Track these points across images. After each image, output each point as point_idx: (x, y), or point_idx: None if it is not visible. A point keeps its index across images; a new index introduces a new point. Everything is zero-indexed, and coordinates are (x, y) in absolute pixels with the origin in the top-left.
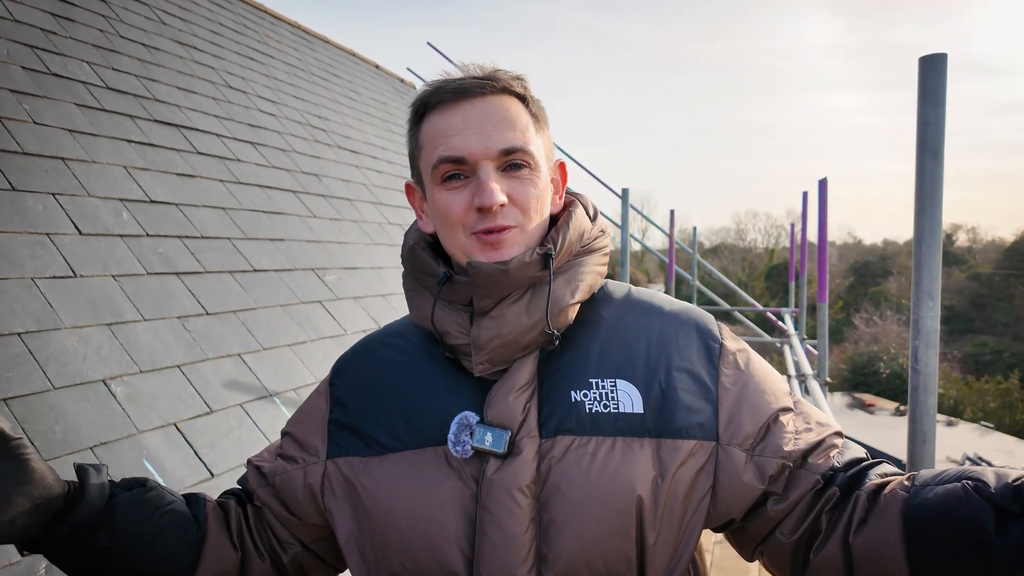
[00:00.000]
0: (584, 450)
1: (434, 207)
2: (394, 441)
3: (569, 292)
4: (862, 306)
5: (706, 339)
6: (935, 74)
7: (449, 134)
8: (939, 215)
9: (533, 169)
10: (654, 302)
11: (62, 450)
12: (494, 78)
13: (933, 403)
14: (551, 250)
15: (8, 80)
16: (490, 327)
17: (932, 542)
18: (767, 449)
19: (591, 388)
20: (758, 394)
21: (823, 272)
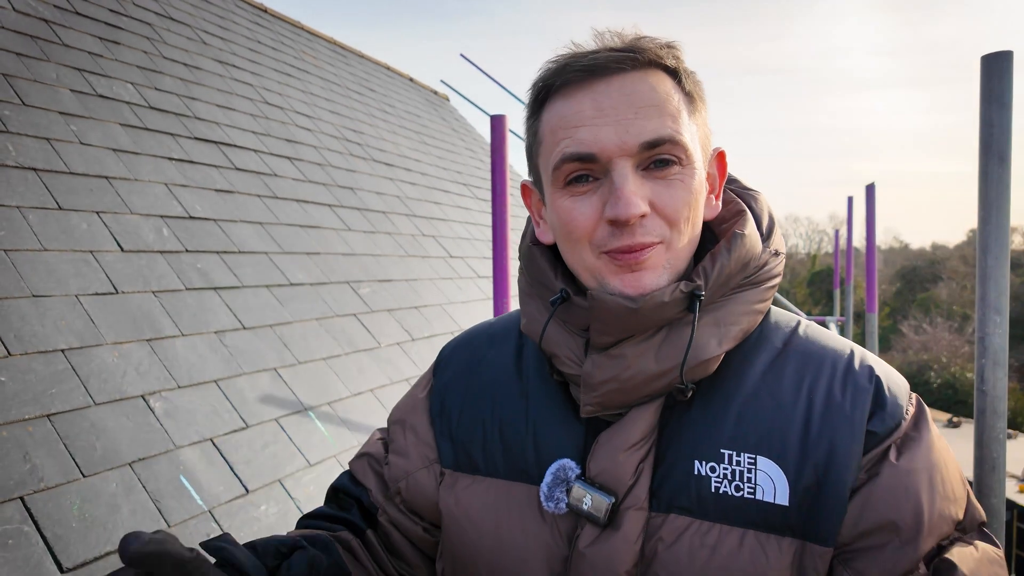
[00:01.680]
0: (703, 540)
1: (555, 215)
2: (487, 464)
3: (716, 340)
4: (910, 313)
5: (880, 415)
6: (1000, 73)
7: (576, 124)
8: (1006, 224)
9: (685, 166)
10: (827, 351)
11: (102, 466)
12: (637, 48)
13: (1003, 427)
14: (700, 288)
15: (57, 103)
16: (606, 367)
17: None
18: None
19: (722, 461)
20: (920, 520)
21: (871, 281)
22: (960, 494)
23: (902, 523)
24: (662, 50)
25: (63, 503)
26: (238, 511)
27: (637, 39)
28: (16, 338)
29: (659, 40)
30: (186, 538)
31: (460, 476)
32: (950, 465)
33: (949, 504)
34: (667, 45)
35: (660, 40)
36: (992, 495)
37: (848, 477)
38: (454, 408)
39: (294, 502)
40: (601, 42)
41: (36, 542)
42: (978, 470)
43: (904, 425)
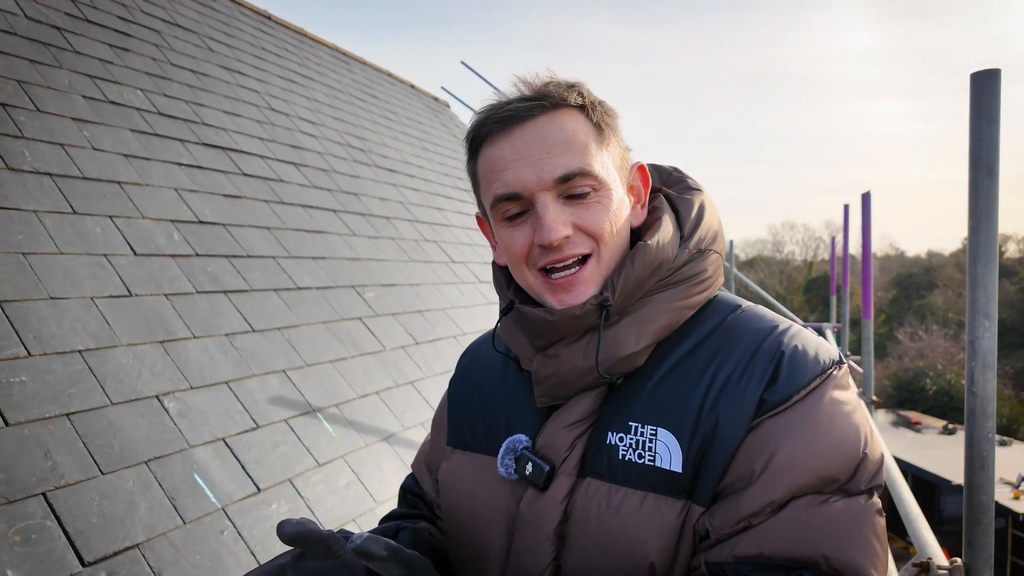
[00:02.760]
0: (609, 500)
1: (500, 243)
2: (474, 441)
3: (635, 338)
4: (906, 320)
5: (772, 388)
6: (988, 90)
7: (501, 168)
8: (995, 233)
9: (600, 190)
10: (746, 334)
11: (119, 464)
12: (544, 95)
13: (992, 427)
14: (607, 299)
15: (70, 109)
16: (547, 365)
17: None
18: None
19: (629, 432)
20: (774, 467)
21: (867, 288)
22: (841, 456)
23: (754, 471)
24: (567, 91)
25: (83, 499)
26: (250, 509)
27: (546, 84)
28: (35, 339)
29: (565, 82)
30: (202, 535)
31: (455, 451)
32: (835, 428)
33: (815, 460)
34: (571, 85)
35: (566, 82)
36: (982, 492)
37: (731, 444)
38: (456, 400)
39: (304, 501)
40: (518, 91)
41: (59, 536)
42: (968, 469)
43: (795, 397)
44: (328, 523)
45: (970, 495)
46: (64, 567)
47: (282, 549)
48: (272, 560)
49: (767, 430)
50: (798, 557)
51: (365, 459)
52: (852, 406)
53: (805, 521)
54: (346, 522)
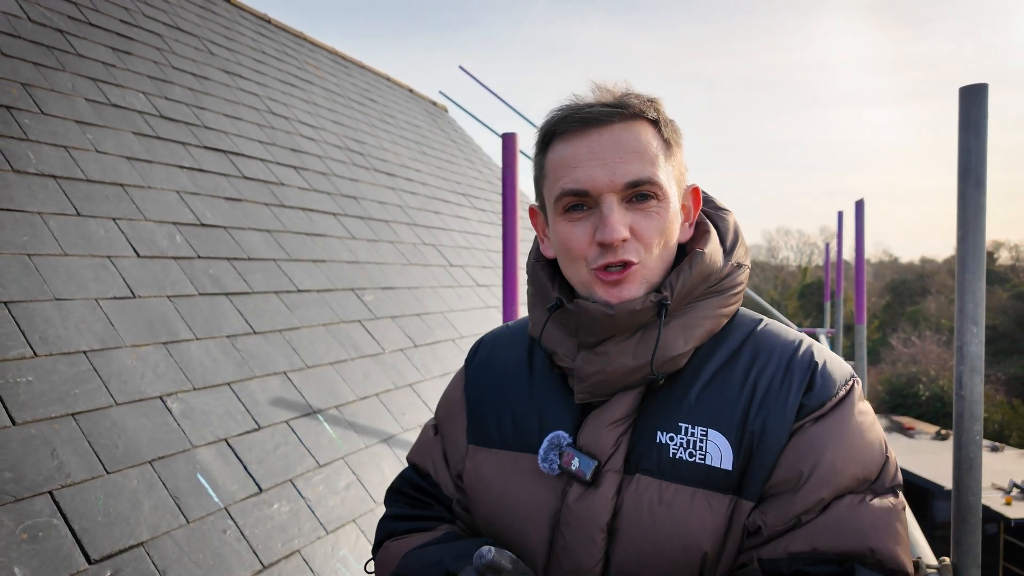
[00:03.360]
0: (661, 497)
1: (556, 236)
2: (500, 438)
3: (683, 340)
4: (899, 326)
5: (810, 394)
6: (976, 104)
7: (574, 165)
8: (982, 242)
9: (661, 200)
10: (776, 345)
11: (124, 464)
12: (624, 104)
13: (979, 429)
14: (667, 298)
15: (73, 112)
16: (593, 362)
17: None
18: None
19: (679, 432)
20: (821, 470)
21: (861, 294)
22: (871, 461)
23: (803, 473)
24: (645, 104)
25: (89, 498)
26: (252, 509)
27: (626, 95)
28: (41, 339)
29: (644, 96)
30: (205, 534)
31: (479, 449)
32: (866, 435)
33: (853, 464)
34: (649, 100)
35: (644, 96)
36: (970, 493)
37: (777, 446)
38: (475, 394)
39: (305, 501)
40: (597, 96)
41: (65, 534)
42: (956, 471)
43: (830, 403)
44: (329, 523)
45: (958, 496)
46: (70, 564)
47: (283, 548)
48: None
49: (810, 436)
50: (847, 551)
51: (365, 460)
52: (872, 416)
53: (850, 519)
54: (347, 522)
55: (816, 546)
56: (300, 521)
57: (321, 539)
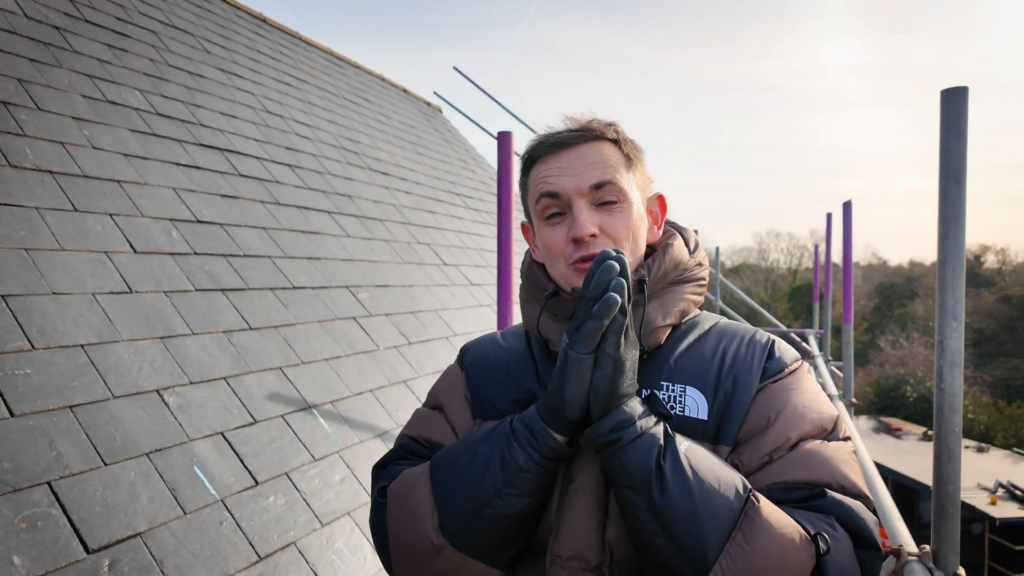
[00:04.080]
0: None
1: (540, 240)
2: (506, 411)
3: (661, 315)
4: (888, 328)
5: (771, 360)
6: (957, 106)
7: (547, 177)
8: (962, 239)
9: (624, 202)
10: (738, 330)
11: (121, 456)
12: (587, 128)
13: (958, 421)
14: (644, 276)
15: (70, 108)
16: None
17: None
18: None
19: (660, 390)
20: (785, 416)
21: (848, 294)
22: (826, 414)
23: (770, 418)
24: (606, 127)
25: (87, 489)
26: (248, 501)
27: (589, 122)
28: (39, 333)
29: (604, 120)
30: (202, 525)
31: (486, 423)
32: (818, 398)
33: (811, 414)
34: (609, 124)
35: (605, 120)
36: (949, 482)
37: (747, 399)
38: (479, 379)
39: (300, 494)
40: (567, 125)
41: (64, 524)
42: (937, 461)
43: (786, 370)
44: (324, 516)
45: (938, 485)
46: (69, 554)
47: (279, 540)
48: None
49: (772, 391)
50: (815, 480)
51: (359, 455)
52: (820, 389)
53: (815, 454)
54: (341, 515)
55: (787, 477)
56: (296, 514)
57: (316, 531)
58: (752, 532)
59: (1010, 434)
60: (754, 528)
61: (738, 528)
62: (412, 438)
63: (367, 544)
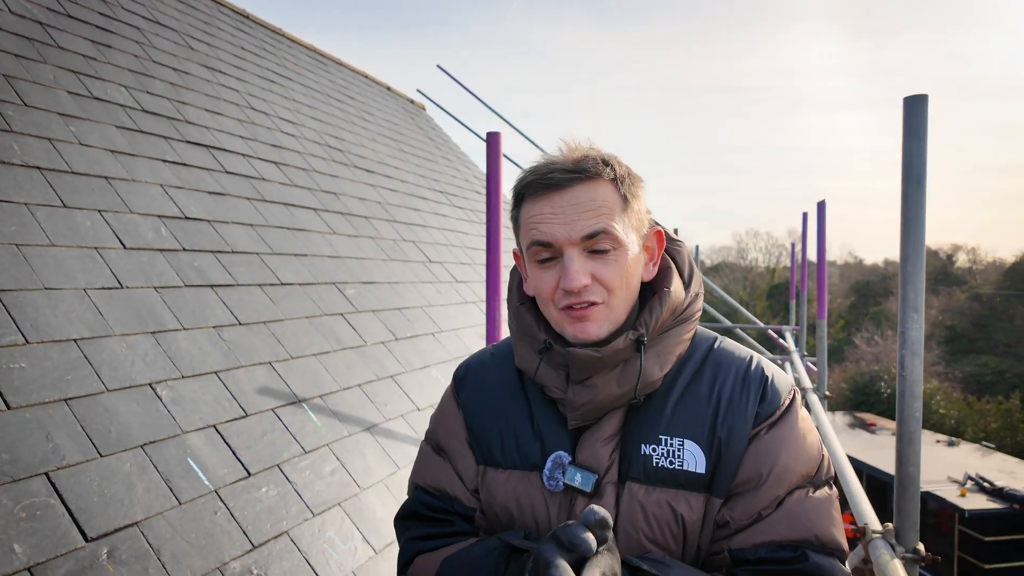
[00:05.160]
0: (648, 498)
1: (532, 280)
2: (504, 459)
3: (658, 367)
4: (863, 325)
5: (763, 404)
6: (917, 113)
7: (539, 222)
8: (922, 237)
9: (618, 249)
10: (733, 360)
11: (116, 448)
12: (581, 169)
13: (918, 406)
14: (643, 335)
15: (56, 104)
16: (583, 393)
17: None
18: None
19: (660, 444)
20: (776, 473)
21: (822, 291)
22: (812, 458)
23: (763, 474)
24: (602, 167)
25: (84, 480)
26: (241, 492)
27: (584, 157)
28: (32, 327)
29: (602, 155)
30: (196, 515)
31: (488, 469)
32: (807, 438)
33: (799, 464)
34: (605, 162)
35: (602, 155)
36: (909, 464)
37: (740, 449)
38: (475, 418)
39: (292, 485)
40: (564, 154)
41: (62, 514)
42: (899, 444)
43: (779, 411)
44: (315, 506)
45: (900, 466)
46: (68, 542)
47: (272, 530)
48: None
49: (766, 442)
50: (798, 539)
51: (349, 447)
52: (810, 421)
53: (799, 511)
54: (332, 506)
55: (774, 537)
56: (288, 504)
57: (308, 521)
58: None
59: (979, 428)
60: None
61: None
62: (423, 489)
63: (357, 533)
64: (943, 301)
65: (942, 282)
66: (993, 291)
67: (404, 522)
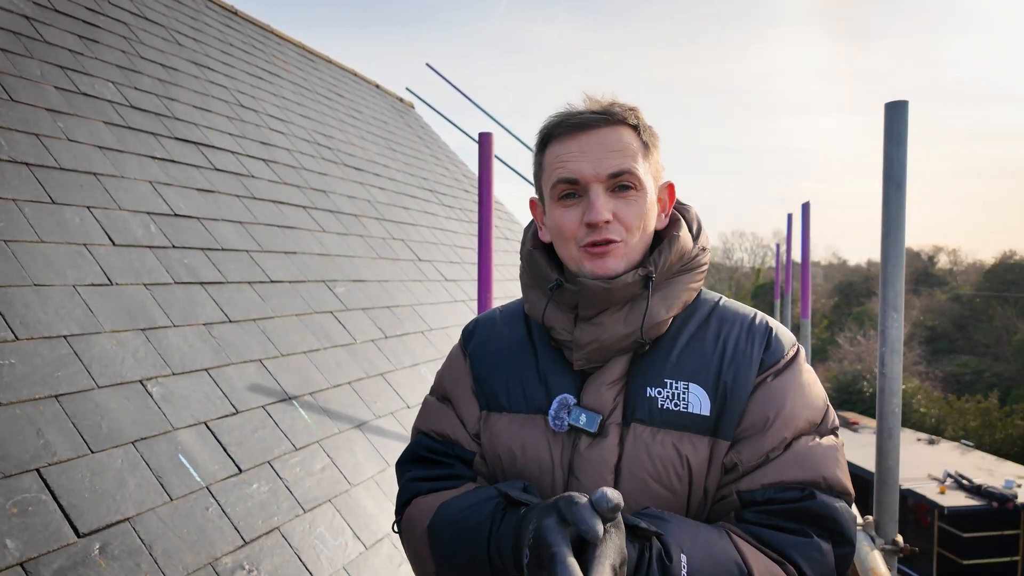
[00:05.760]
0: (653, 439)
1: (551, 221)
2: (509, 403)
3: (665, 308)
4: (846, 325)
5: (768, 352)
6: (898, 118)
7: (566, 160)
8: (902, 239)
9: (639, 190)
10: (738, 315)
11: (107, 444)
12: (609, 112)
13: (897, 402)
14: (652, 272)
15: (43, 99)
16: (590, 332)
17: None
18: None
19: (665, 387)
20: (783, 416)
21: (806, 291)
22: (817, 407)
23: (769, 417)
24: (627, 112)
25: (75, 476)
26: (233, 488)
27: (611, 104)
28: (22, 324)
29: (626, 105)
30: (188, 511)
31: (491, 414)
32: (812, 388)
33: (805, 410)
34: (631, 108)
35: (627, 105)
36: (889, 458)
37: (745, 394)
38: (482, 367)
39: (283, 482)
40: (587, 105)
41: (54, 509)
42: (879, 439)
43: (783, 360)
44: (306, 503)
45: (879, 460)
46: (60, 538)
47: (263, 525)
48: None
49: (772, 388)
50: (806, 480)
51: (339, 444)
52: (814, 374)
53: (806, 455)
54: (323, 502)
55: (783, 478)
56: (279, 500)
57: (299, 517)
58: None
59: (959, 427)
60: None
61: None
62: (425, 433)
63: (348, 529)
64: (924, 302)
65: (923, 283)
66: (973, 292)
67: (405, 464)
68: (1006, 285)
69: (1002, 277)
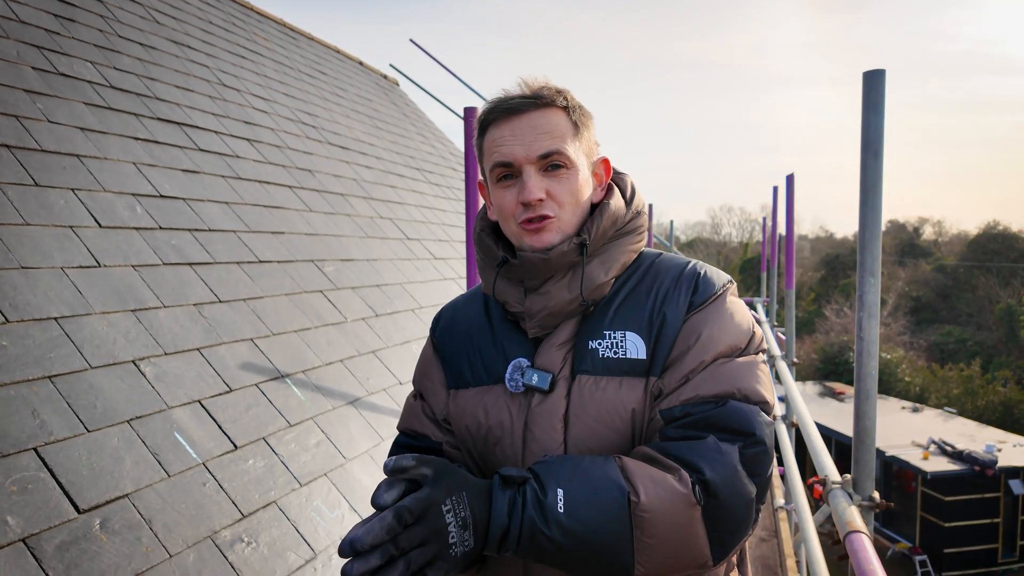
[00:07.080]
0: (596, 386)
1: (494, 201)
2: (473, 377)
3: (604, 271)
4: (833, 298)
5: (696, 293)
6: (875, 87)
7: (500, 144)
8: (879, 206)
9: (569, 168)
10: (672, 267)
11: (103, 423)
12: (539, 96)
13: (874, 364)
14: (586, 239)
15: (21, 80)
16: (538, 301)
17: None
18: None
19: (604, 338)
20: (702, 340)
21: (790, 262)
22: (740, 334)
23: (691, 344)
24: (556, 95)
25: (72, 454)
26: (229, 464)
27: (541, 88)
28: (12, 306)
29: (556, 87)
30: (185, 487)
31: (458, 392)
32: (736, 317)
33: (725, 334)
34: (559, 91)
35: (556, 87)
36: (866, 418)
37: (674, 332)
38: (447, 348)
39: (278, 457)
40: (520, 89)
41: (53, 487)
42: (857, 400)
43: (711, 298)
44: (302, 477)
45: (857, 420)
46: (60, 514)
47: (260, 500)
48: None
49: (694, 320)
50: (720, 392)
51: (333, 420)
52: (742, 306)
53: (722, 371)
54: (319, 476)
55: (699, 392)
56: (275, 475)
57: (296, 491)
58: (646, 526)
59: (942, 395)
60: (645, 522)
61: (635, 528)
62: (402, 431)
63: (344, 502)
64: (909, 273)
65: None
66: (957, 263)
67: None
68: (989, 255)
69: (985, 247)
